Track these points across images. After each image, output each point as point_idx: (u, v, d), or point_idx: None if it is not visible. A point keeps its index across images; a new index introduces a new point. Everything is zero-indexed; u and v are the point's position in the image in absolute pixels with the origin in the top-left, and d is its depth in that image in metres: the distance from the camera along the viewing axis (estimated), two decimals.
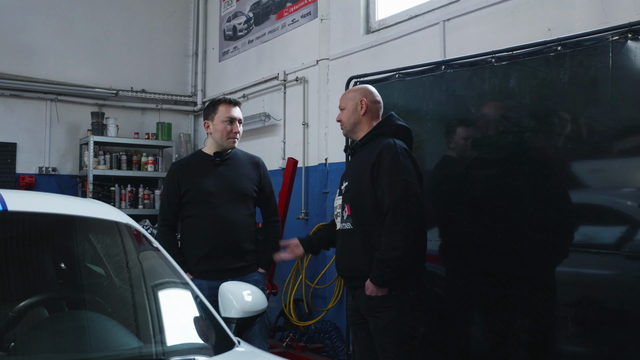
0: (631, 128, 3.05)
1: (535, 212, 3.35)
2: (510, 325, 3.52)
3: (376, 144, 3.16)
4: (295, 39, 6.51)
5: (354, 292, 3.23)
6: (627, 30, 3.01)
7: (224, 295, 2.59)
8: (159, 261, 2.60)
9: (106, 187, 7.41)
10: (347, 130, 3.36)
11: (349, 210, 3.18)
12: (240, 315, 2.50)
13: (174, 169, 3.77)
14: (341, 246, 3.26)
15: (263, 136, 6.94)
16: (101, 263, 2.67)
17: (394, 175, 3.01)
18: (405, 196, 2.98)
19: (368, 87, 3.37)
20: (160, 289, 2.55)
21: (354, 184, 3.19)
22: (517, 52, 3.49)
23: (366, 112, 3.27)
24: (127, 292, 2.54)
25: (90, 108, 7.65)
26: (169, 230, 3.70)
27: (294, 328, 5.69)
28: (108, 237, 2.80)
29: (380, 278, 2.99)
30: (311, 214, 6.05)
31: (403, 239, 2.95)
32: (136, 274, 2.62)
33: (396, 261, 2.96)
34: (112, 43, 7.92)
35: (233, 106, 3.71)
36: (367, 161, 3.12)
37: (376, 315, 3.09)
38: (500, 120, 3.57)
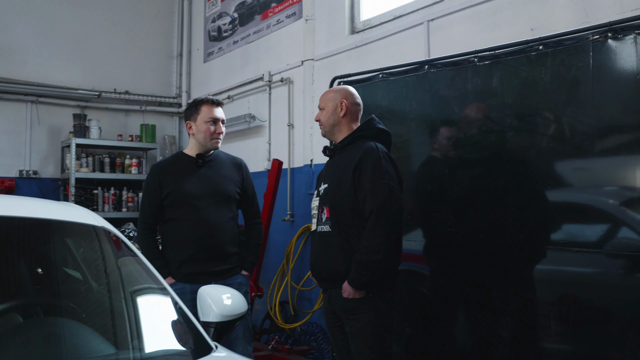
0: (612, 127, 3.08)
1: (518, 212, 3.37)
2: (494, 324, 3.54)
3: (357, 147, 3.17)
4: (280, 40, 6.51)
5: (329, 293, 3.24)
6: (608, 29, 3.04)
7: (202, 299, 2.57)
8: (137, 266, 2.58)
9: (89, 190, 7.35)
10: (325, 131, 3.37)
11: (327, 212, 3.18)
12: (219, 320, 2.49)
13: (155, 171, 3.74)
14: (318, 248, 3.26)
15: (248, 137, 6.93)
16: (78, 268, 2.64)
17: (377, 179, 3.02)
18: (388, 201, 3.00)
19: (348, 89, 3.38)
20: (138, 295, 2.53)
21: (335, 187, 3.19)
22: (500, 52, 3.51)
23: (346, 113, 3.28)
24: (104, 298, 2.51)
25: (72, 110, 7.60)
26: (149, 234, 3.67)
27: (279, 330, 5.70)
28: (85, 241, 2.77)
29: (358, 280, 3.01)
30: (297, 216, 6.05)
31: (385, 242, 2.98)
32: (114, 280, 2.60)
33: (376, 264, 2.98)
34: (94, 44, 7.88)
35: (216, 106, 3.69)
36: (348, 164, 3.13)
37: (352, 318, 3.10)
38: (483, 120, 3.59)
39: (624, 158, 3.04)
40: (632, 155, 3.00)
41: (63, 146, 7.52)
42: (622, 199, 3.14)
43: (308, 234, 5.73)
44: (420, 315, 4.00)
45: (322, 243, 3.23)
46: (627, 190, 3.08)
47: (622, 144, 3.05)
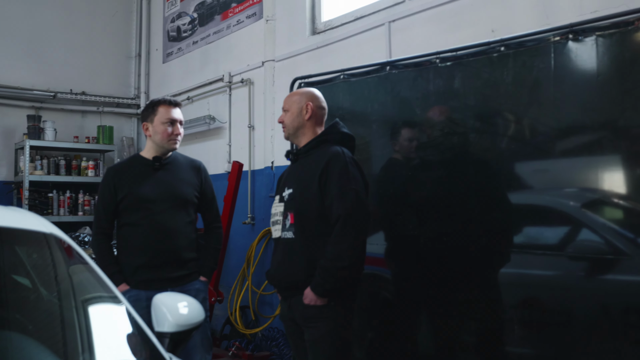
0: (573, 128, 3.07)
1: (481, 214, 3.34)
2: (458, 328, 3.50)
3: (322, 152, 3.09)
4: (241, 40, 6.41)
5: (289, 301, 3.15)
6: (569, 30, 3.02)
7: (157, 308, 2.46)
8: (88, 275, 2.46)
9: (43, 193, 7.13)
10: (289, 133, 3.27)
11: (292, 218, 3.08)
12: (174, 330, 2.37)
13: (110, 174, 3.60)
14: (280, 255, 3.16)
15: (208, 139, 6.80)
16: (27, 277, 2.51)
17: (344, 185, 2.95)
18: (355, 207, 2.92)
19: (314, 92, 3.29)
20: (89, 305, 2.41)
21: (300, 192, 3.09)
22: (461, 53, 3.48)
23: (311, 117, 3.20)
24: (54, 309, 2.38)
25: (26, 111, 7.35)
26: (104, 239, 3.54)
27: (240, 336, 5.59)
28: (35, 249, 2.64)
29: (321, 287, 2.93)
30: (257, 219, 5.95)
31: (351, 249, 2.91)
32: (64, 289, 2.47)
33: (341, 271, 2.90)
34: (50, 43, 7.64)
35: (173, 107, 3.58)
36: (314, 169, 3.04)
37: (312, 326, 3.01)
38: (445, 122, 3.55)
39: (586, 159, 3.03)
40: (593, 157, 3.00)
41: (16, 148, 7.27)
42: (584, 201, 3.13)
43: (269, 237, 5.63)
44: (383, 320, 3.95)
45: (284, 250, 3.13)
46: (588, 192, 3.07)
47: (583, 145, 3.04)
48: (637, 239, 2.96)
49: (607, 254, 3.03)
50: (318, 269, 2.93)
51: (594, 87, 2.97)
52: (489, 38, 3.62)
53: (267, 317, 5.49)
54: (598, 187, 3.00)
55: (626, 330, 2.97)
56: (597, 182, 2.99)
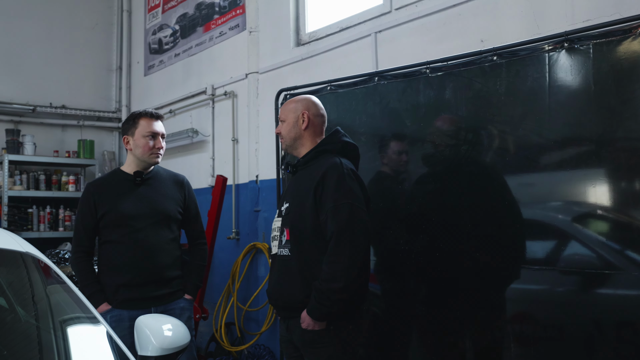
0: (569, 140, 2.97)
1: (474, 229, 3.22)
2: (450, 346, 3.38)
3: (321, 163, 2.90)
4: (224, 52, 6.28)
5: (287, 322, 2.95)
6: (564, 39, 2.93)
7: (140, 330, 2.32)
8: (66, 296, 2.32)
9: (23, 209, 6.93)
10: (287, 145, 3.09)
11: (287, 234, 2.90)
12: (158, 353, 2.24)
13: (89, 190, 3.44)
14: (277, 273, 2.97)
15: (191, 153, 6.65)
16: (3, 299, 2.38)
17: (339, 199, 2.75)
18: (350, 222, 2.71)
19: (311, 99, 3.11)
20: (68, 328, 2.28)
21: (295, 206, 2.91)
22: (452, 63, 3.37)
23: (308, 126, 3.02)
24: (31, 331, 2.26)
25: (4, 125, 7.17)
26: (84, 257, 3.38)
27: (226, 353, 5.43)
28: (10, 269, 2.49)
29: (317, 311, 2.73)
30: (242, 234, 5.80)
31: (346, 269, 2.68)
32: (42, 311, 2.34)
33: (337, 293, 2.69)
34: (28, 56, 7.46)
35: (155, 120, 3.43)
36: (311, 181, 2.85)
37: (312, 351, 2.84)
38: (436, 134, 3.43)
39: (583, 172, 2.92)
40: (591, 169, 2.89)
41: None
42: (580, 214, 3.03)
43: (254, 252, 5.51)
44: (371, 335, 3.80)
45: (280, 268, 2.94)
46: (585, 205, 2.96)
47: (580, 157, 2.93)
48: (628, 253, 2.87)
49: (599, 268, 2.94)
50: (313, 291, 2.75)
51: (591, 97, 2.87)
52: (477, 48, 3.53)
53: (254, 334, 5.33)
54: (596, 200, 2.90)
55: (618, 345, 2.88)
56: (596, 195, 2.89)
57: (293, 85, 4.51)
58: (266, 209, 5.48)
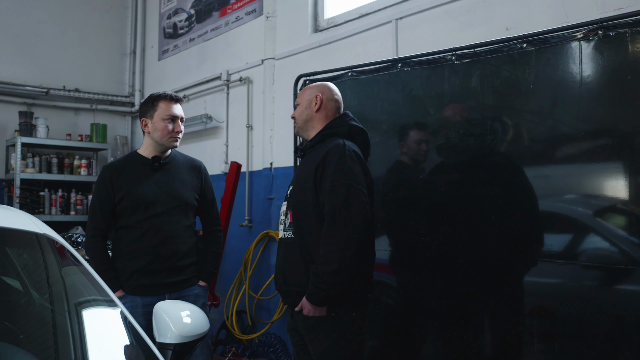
0: (601, 131, 2.85)
1: (499, 220, 3.12)
2: (469, 340, 3.29)
3: (324, 146, 2.82)
4: (240, 38, 6.18)
5: (292, 309, 2.86)
6: (598, 26, 2.81)
7: (159, 317, 2.24)
8: (82, 278, 2.25)
9: (35, 192, 6.87)
10: (298, 127, 3.02)
11: (291, 217, 2.83)
12: (178, 341, 2.16)
13: (107, 172, 3.35)
14: (281, 257, 2.90)
15: (204, 139, 6.57)
16: (17, 280, 2.31)
17: (337, 179, 2.65)
18: (346, 203, 2.61)
19: (327, 84, 3.03)
20: (83, 310, 2.21)
21: (298, 189, 2.85)
22: (479, 50, 3.26)
23: (320, 108, 2.94)
24: (46, 314, 2.19)
25: (18, 107, 7.09)
26: (100, 241, 3.30)
27: (236, 342, 5.36)
28: (26, 250, 2.43)
29: (315, 296, 2.63)
30: (255, 221, 5.72)
31: (340, 251, 2.58)
32: (57, 293, 2.27)
33: (332, 276, 2.58)
34: (42, 39, 7.38)
35: (175, 102, 3.35)
36: (312, 164, 2.79)
37: (314, 338, 2.74)
38: (461, 122, 3.33)
39: (614, 165, 2.81)
40: (623, 162, 2.77)
41: (8, 145, 7.01)
42: (606, 208, 2.93)
43: (267, 240, 5.43)
44: (385, 328, 3.71)
45: (284, 251, 2.86)
46: (614, 199, 2.86)
47: (612, 149, 2.82)
48: None
49: (622, 264, 2.84)
50: (311, 275, 2.65)
51: (625, 86, 2.76)
52: (502, 36, 3.41)
53: (265, 322, 5.26)
54: (620, 195, 2.79)
55: None
56: (629, 187, 2.77)
57: (309, 71, 4.41)
58: (280, 197, 5.40)
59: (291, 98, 4.58)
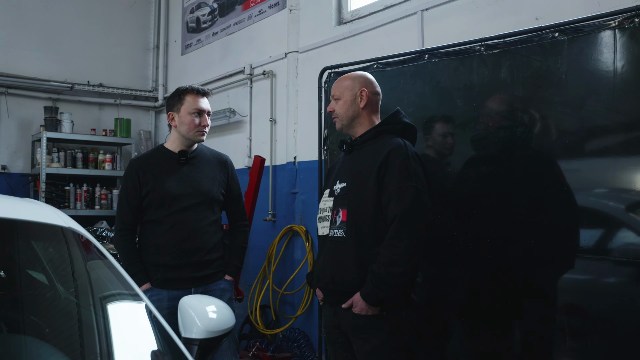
0: (637, 122, 2.74)
1: (529, 215, 3.04)
2: (499, 337, 3.22)
3: (382, 143, 2.77)
4: (263, 31, 6.14)
5: (335, 307, 2.83)
6: (634, 14, 2.71)
7: (184, 311, 2.21)
8: (108, 272, 2.22)
9: (60, 186, 6.92)
10: (342, 124, 2.93)
11: (344, 215, 2.76)
12: (203, 336, 2.13)
13: (134, 166, 3.35)
14: (328, 256, 2.85)
15: (228, 133, 6.55)
16: (42, 273, 2.29)
17: (403, 181, 2.63)
18: (414, 206, 2.60)
19: (368, 76, 2.96)
20: (109, 304, 2.18)
21: (355, 187, 2.77)
22: (509, 40, 3.17)
23: (366, 104, 2.87)
24: (71, 308, 2.17)
25: (43, 102, 7.14)
26: (128, 235, 3.30)
27: (260, 336, 5.34)
28: (51, 244, 2.41)
29: (374, 296, 2.62)
30: (279, 216, 5.69)
31: (408, 254, 2.58)
32: (82, 287, 2.25)
33: (396, 278, 2.59)
34: (67, 34, 7.42)
35: (201, 96, 3.32)
36: (372, 162, 2.73)
37: (363, 337, 2.72)
38: (490, 114, 3.25)
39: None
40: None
41: (33, 140, 7.06)
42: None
43: (291, 235, 5.40)
44: (412, 324, 3.65)
45: (333, 250, 2.82)
46: None
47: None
48: None
49: None
50: (370, 275, 2.63)
51: None
52: (531, 27, 3.33)
53: (289, 317, 5.24)
54: None
55: None
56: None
57: (333, 64, 4.35)
58: (304, 191, 5.36)
59: (315, 91, 4.52)
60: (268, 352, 5.00)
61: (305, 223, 5.28)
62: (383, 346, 2.67)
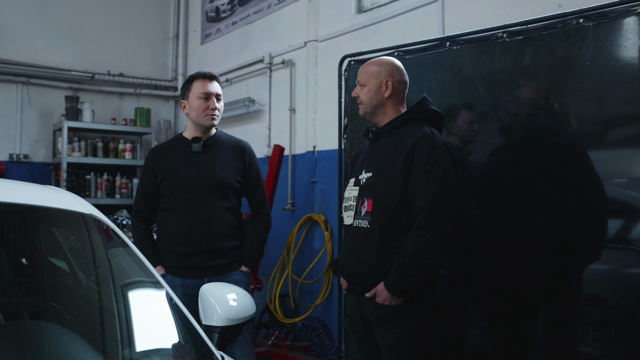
0: None
1: (551, 204, 2.99)
2: (521, 328, 3.18)
3: (408, 132, 2.72)
4: (282, 20, 6.12)
5: (359, 296, 2.81)
6: None
7: (205, 298, 2.21)
8: (129, 259, 2.23)
9: (81, 175, 6.97)
10: (366, 112, 2.87)
11: (369, 205, 2.73)
12: (224, 324, 2.13)
13: (151, 155, 3.40)
14: (352, 246, 2.82)
15: (247, 122, 6.54)
16: (64, 261, 2.30)
17: (431, 171, 2.59)
18: (442, 196, 2.57)
19: (394, 62, 2.90)
20: (130, 292, 2.19)
21: (381, 177, 2.73)
22: (533, 26, 3.12)
23: (392, 94, 2.81)
24: (93, 298, 2.18)
25: (64, 92, 7.19)
26: (141, 221, 3.35)
27: (279, 325, 5.36)
28: (72, 231, 2.42)
29: (398, 286, 2.59)
30: (298, 205, 5.68)
31: (434, 245, 2.56)
32: (103, 274, 2.26)
33: (420, 269, 2.56)
34: (87, 24, 7.46)
35: (209, 80, 3.31)
36: (399, 151, 2.68)
37: (386, 327, 2.69)
38: (513, 102, 3.20)
39: None
40: None
41: (55, 129, 7.13)
42: None
43: (310, 224, 5.39)
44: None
45: (357, 240, 2.78)
46: None
47: None
48: None
49: None
50: (394, 265, 2.60)
51: None
52: (554, 13, 3.27)
53: (308, 306, 5.24)
54: None
55: None
56: None
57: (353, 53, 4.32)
58: (323, 180, 5.34)
59: (335, 80, 4.50)
60: (287, 341, 5.01)
61: (325, 212, 5.27)
62: (406, 336, 2.65)
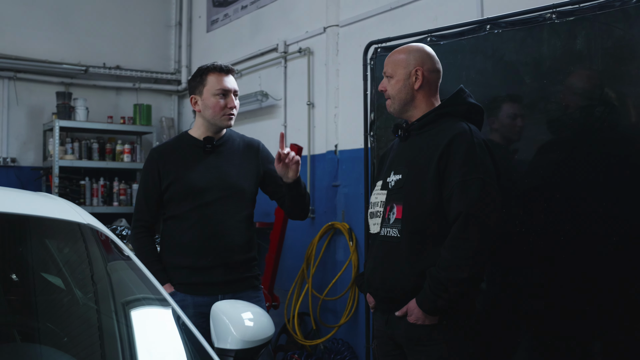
0: None
1: (611, 207, 2.96)
2: (574, 347, 3.15)
3: (443, 128, 2.70)
4: (298, 3, 6.14)
5: (388, 315, 2.79)
6: None
7: (217, 318, 2.22)
8: (131, 274, 2.25)
9: (75, 180, 7.05)
10: (394, 108, 2.85)
11: (399, 212, 2.70)
12: (239, 346, 2.14)
13: (154, 156, 3.37)
14: (380, 257, 2.80)
15: (260, 119, 6.57)
16: (59, 276, 2.34)
17: (469, 172, 2.56)
18: (481, 202, 2.53)
19: (425, 49, 2.86)
20: (133, 311, 2.21)
21: (412, 180, 2.71)
22: (586, 5, 3.09)
23: (422, 85, 2.78)
24: (92, 318, 2.19)
25: (55, 87, 7.28)
26: (144, 232, 3.33)
27: (298, 347, 5.36)
28: (67, 243, 2.44)
29: (432, 303, 2.56)
30: (318, 212, 5.68)
31: (473, 257, 2.51)
32: (103, 294, 2.28)
33: (458, 285, 2.53)
34: (80, 12, 7.54)
35: (226, 74, 3.31)
36: (432, 150, 2.66)
37: (419, 350, 2.67)
38: (564, 92, 3.18)
39: None
40: None
41: (45, 129, 7.22)
42: None
43: (332, 233, 5.39)
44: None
45: (385, 251, 2.76)
46: None
47: None
48: None
49: None
50: (428, 280, 2.57)
51: None
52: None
53: (331, 326, 5.24)
54: None
55: None
56: None
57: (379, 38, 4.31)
58: (347, 184, 5.34)
59: (359, 70, 4.49)
60: None
61: (349, 220, 5.27)
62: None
